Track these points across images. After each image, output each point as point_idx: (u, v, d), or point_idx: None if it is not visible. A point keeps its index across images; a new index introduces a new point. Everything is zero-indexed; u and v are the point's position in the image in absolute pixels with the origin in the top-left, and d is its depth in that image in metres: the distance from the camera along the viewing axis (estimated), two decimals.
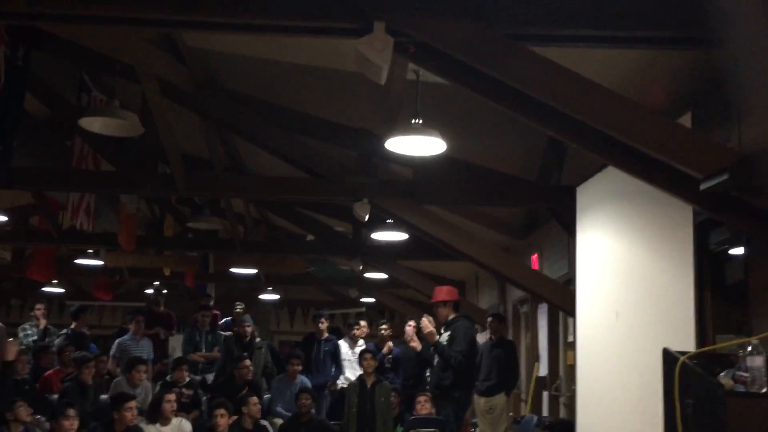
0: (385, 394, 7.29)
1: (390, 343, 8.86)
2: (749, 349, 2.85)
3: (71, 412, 5.93)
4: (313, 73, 5.74)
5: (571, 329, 6.62)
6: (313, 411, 7.49)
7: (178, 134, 6.27)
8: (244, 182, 7.24)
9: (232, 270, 10.89)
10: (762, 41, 2.98)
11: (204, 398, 8.09)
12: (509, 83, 3.44)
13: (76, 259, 10.50)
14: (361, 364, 7.87)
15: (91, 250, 10.03)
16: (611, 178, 4.73)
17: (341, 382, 8.97)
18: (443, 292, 6.55)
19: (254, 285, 12.72)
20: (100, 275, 11.60)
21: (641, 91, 4.27)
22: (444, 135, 4.98)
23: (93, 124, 5.53)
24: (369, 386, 7.36)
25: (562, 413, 7.13)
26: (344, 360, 9.11)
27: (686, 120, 3.83)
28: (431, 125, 4.94)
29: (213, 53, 5.83)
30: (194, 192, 7.04)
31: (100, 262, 10.27)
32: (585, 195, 5.41)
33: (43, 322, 9.34)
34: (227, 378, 8.12)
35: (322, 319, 9.14)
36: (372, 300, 13.48)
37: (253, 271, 11.12)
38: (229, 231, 9.21)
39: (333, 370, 9.00)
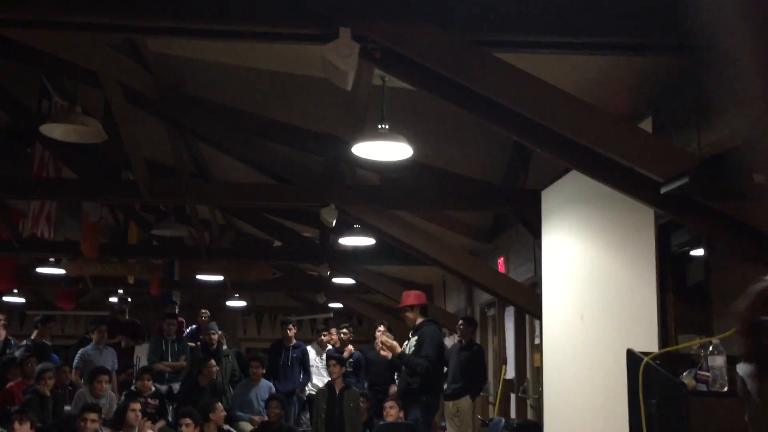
0: (353, 400, 7.28)
1: (350, 347, 8.88)
2: (710, 349, 2.91)
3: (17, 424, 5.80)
4: (279, 79, 5.72)
5: (537, 331, 6.68)
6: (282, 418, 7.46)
7: (142, 140, 6.20)
8: (209, 189, 7.18)
9: (198, 277, 10.78)
10: (725, 48, 3.06)
11: (170, 408, 7.99)
12: (474, 89, 3.47)
13: (37, 267, 10.30)
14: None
15: (52, 259, 9.85)
16: (575, 181, 4.79)
17: (309, 389, 8.96)
18: (411, 297, 6.58)
19: (221, 292, 12.61)
20: (62, 284, 11.39)
21: (603, 96, 4.34)
22: (411, 140, 5.00)
23: (54, 130, 5.43)
24: (338, 392, 7.34)
25: (530, 415, 7.19)
26: (312, 366, 9.11)
27: (647, 125, 3.91)
28: (398, 130, 4.96)
29: (178, 59, 5.78)
30: (159, 199, 6.96)
31: (61, 271, 10.09)
32: (550, 198, 5.47)
33: (2, 333, 9.14)
34: (192, 381, 8.05)
35: (290, 326, 9.10)
36: (340, 305, 13.45)
37: (220, 277, 11.03)
38: (195, 238, 9.12)
39: (301, 376, 8.98)
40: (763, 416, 1.47)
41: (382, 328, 7.03)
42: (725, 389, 2.80)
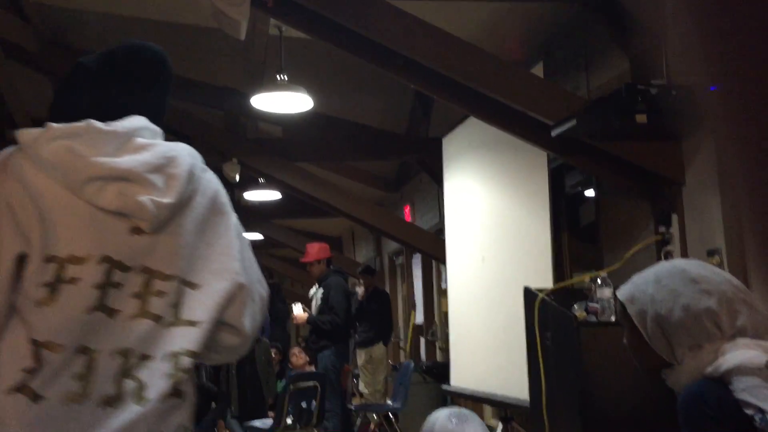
0: (264, 353, 7.28)
1: None
2: (599, 282, 3.08)
3: None
4: (170, 30, 5.50)
5: (444, 277, 6.87)
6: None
7: (27, 96, 5.86)
8: None
9: None
10: None
11: None
12: (367, 36, 3.46)
13: None
14: None
15: None
16: (473, 128, 4.89)
17: None
18: (314, 252, 6.57)
19: None
20: None
21: (495, 42, 4.41)
22: (311, 91, 4.95)
23: None
24: None
25: (439, 357, 7.44)
26: None
27: (538, 70, 4.02)
28: (298, 81, 4.90)
29: (59, 9, 5.46)
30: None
31: None
32: (450, 146, 5.57)
33: None
34: None
35: None
36: None
37: None
38: None
39: None
40: (629, 336, 1.58)
41: (297, 308, 7.00)
42: (612, 319, 2.98)
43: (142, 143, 1.30)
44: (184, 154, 1.34)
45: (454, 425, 1.99)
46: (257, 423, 6.32)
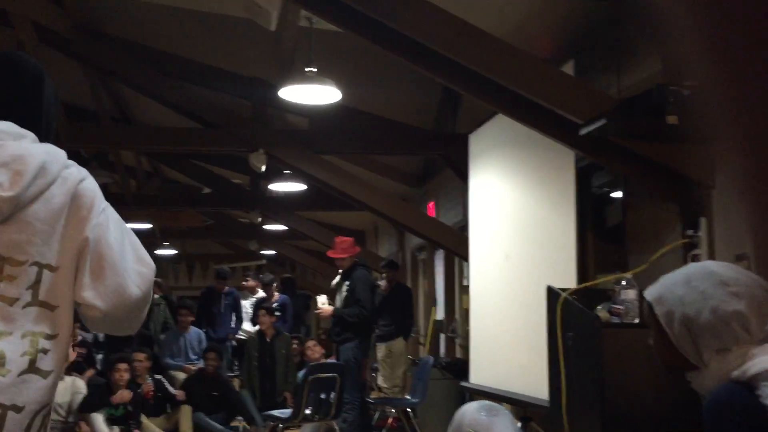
0: (285, 346, 7.32)
1: (276, 293, 8.97)
2: (623, 283, 3.06)
3: None
4: (202, 19, 5.55)
5: (466, 273, 6.85)
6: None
7: (59, 82, 5.93)
8: (132, 133, 6.98)
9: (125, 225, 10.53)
10: None
11: (99, 356, 7.89)
12: (399, 30, 3.45)
13: None
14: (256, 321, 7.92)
15: None
16: (501, 125, 4.87)
17: (240, 335, 9.05)
18: (346, 247, 6.55)
19: (149, 240, 12.37)
20: None
21: (527, 40, 4.39)
22: (339, 84, 4.96)
23: None
24: (269, 339, 7.37)
25: (459, 354, 7.42)
26: (243, 312, 9.18)
27: (569, 68, 3.98)
28: (326, 74, 4.90)
29: None
30: (78, 144, 6.71)
31: None
32: (477, 142, 5.55)
33: None
34: None
35: (226, 280, 9.11)
36: (272, 252, 13.42)
37: (148, 225, 10.81)
38: (120, 185, 8.88)
39: (234, 323, 9.02)
40: (656, 337, 1.56)
41: (322, 299, 7.02)
42: (637, 321, 2.95)
43: None
44: (36, 153, 1.45)
45: (484, 418, 1.98)
46: (276, 412, 6.38)
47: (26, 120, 1.54)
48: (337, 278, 6.57)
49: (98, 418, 5.96)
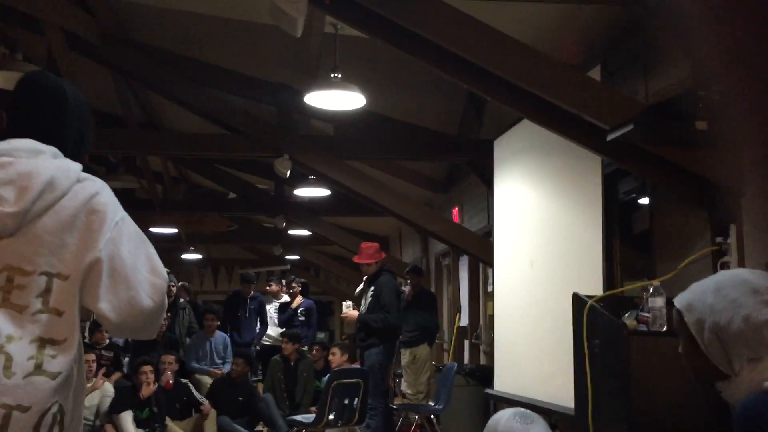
0: (307, 370, 7.63)
1: (300, 298, 8.99)
2: (651, 291, 3.01)
3: None
4: (228, 26, 5.60)
5: (490, 280, 6.81)
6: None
7: (88, 89, 6.00)
8: (159, 139, 7.05)
9: (152, 230, 10.65)
10: None
11: (125, 359, 7.97)
12: (425, 36, 3.45)
13: None
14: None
15: None
16: (526, 131, 4.84)
17: (265, 340, 9.11)
18: (372, 253, 6.53)
19: (175, 245, 12.50)
20: None
21: (553, 45, 4.36)
22: (364, 90, 4.97)
23: None
24: (292, 364, 7.63)
25: (483, 360, 7.38)
26: (268, 317, 9.23)
27: (595, 73, 3.95)
28: (351, 80, 4.92)
29: (122, 3, 5.60)
30: (106, 149, 6.81)
31: None
32: (502, 148, 5.53)
33: None
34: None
35: (251, 285, 9.16)
36: (297, 257, 13.47)
37: (174, 230, 10.92)
38: (147, 190, 8.99)
39: (258, 327, 9.07)
40: (687, 345, 1.54)
41: (349, 303, 7.05)
42: (664, 329, 2.91)
43: (2, 162, 1.53)
44: (45, 169, 1.55)
45: (520, 424, 1.96)
46: (300, 417, 6.38)
47: (48, 136, 1.62)
48: (362, 285, 6.57)
49: (127, 418, 6.02)
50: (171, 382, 6.71)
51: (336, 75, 4.86)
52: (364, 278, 6.52)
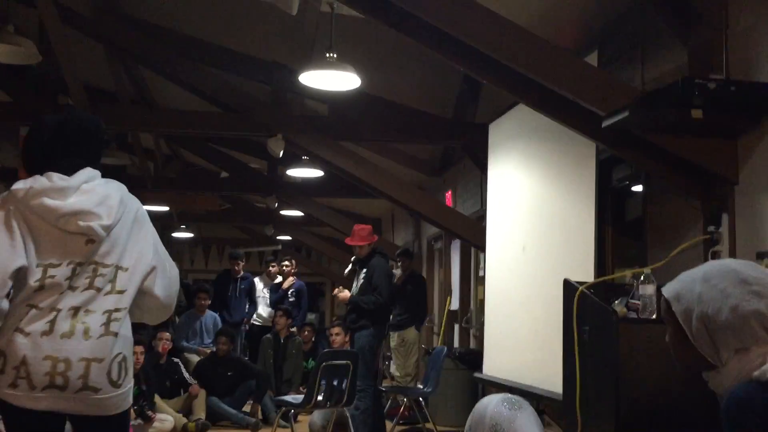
0: (296, 347, 7.90)
1: (292, 278, 8.99)
2: (642, 278, 3.01)
3: None
4: (223, 2, 5.54)
5: (482, 264, 6.82)
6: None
7: (80, 63, 5.96)
8: (151, 115, 6.98)
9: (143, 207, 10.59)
10: None
11: None
12: (422, 18, 3.42)
13: None
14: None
15: None
16: (521, 115, 4.82)
17: (255, 320, 9.11)
18: (365, 236, 6.51)
19: (167, 223, 12.44)
20: None
21: (550, 30, 4.33)
22: (359, 70, 4.93)
23: None
24: (282, 341, 7.87)
25: (472, 344, 7.41)
26: (259, 297, 9.21)
27: (593, 59, 3.93)
28: (346, 60, 4.87)
29: None
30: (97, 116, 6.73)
31: None
32: (496, 132, 5.50)
33: None
34: None
35: (239, 261, 9.13)
36: (288, 238, 13.45)
37: (166, 208, 10.86)
38: (139, 167, 8.92)
39: (248, 307, 9.07)
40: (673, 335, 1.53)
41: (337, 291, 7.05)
42: (653, 316, 2.91)
43: (86, 188, 2.23)
44: (115, 191, 2.26)
45: (508, 410, 1.96)
46: (288, 398, 6.40)
47: (94, 161, 2.30)
48: (350, 266, 6.55)
49: None
50: (167, 348, 6.86)
51: (331, 55, 4.81)
52: (352, 258, 6.50)
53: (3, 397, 2.09)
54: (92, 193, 2.19)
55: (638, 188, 4.28)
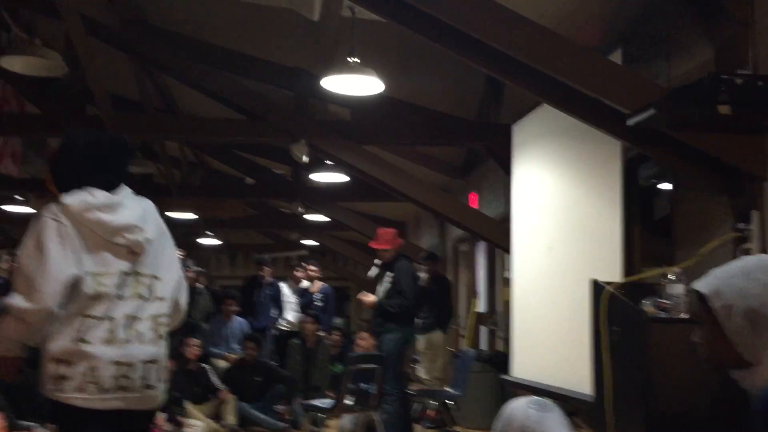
0: (324, 353, 7.89)
1: (319, 283, 9.01)
2: (671, 277, 2.98)
3: None
4: (245, 10, 5.58)
5: (508, 266, 6.78)
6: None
7: (106, 74, 6.04)
8: (176, 123, 7.05)
9: (169, 215, 10.69)
10: None
11: None
12: (444, 20, 3.41)
13: (2, 205, 10.14)
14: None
15: (19, 197, 9.69)
16: (545, 115, 4.79)
17: (283, 326, 9.14)
18: (390, 239, 6.50)
19: (193, 230, 12.56)
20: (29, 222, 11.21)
21: (574, 28, 4.30)
22: (381, 74, 4.93)
23: (14, 63, 5.27)
24: (309, 345, 7.91)
25: (500, 347, 7.37)
26: (285, 302, 9.24)
27: (617, 57, 3.89)
28: (368, 64, 4.88)
29: None
30: (123, 133, 6.81)
31: (29, 209, 9.94)
32: (520, 133, 5.47)
33: None
34: None
35: (265, 267, 9.17)
36: (314, 242, 13.49)
37: (192, 215, 10.95)
38: (164, 175, 9.02)
39: (274, 312, 9.10)
40: (709, 333, 1.51)
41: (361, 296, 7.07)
42: (684, 315, 2.88)
43: (128, 204, 2.51)
44: (150, 208, 2.59)
45: (536, 413, 1.95)
46: (317, 402, 6.42)
47: (125, 177, 2.57)
48: (374, 269, 6.54)
49: None
50: (196, 355, 6.97)
51: (353, 59, 4.82)
52: (375, 261, 6.49)
53: (69, 401, 2.30)
54: (133, 209, 2.49)
55: (666, 186, 4.23)
